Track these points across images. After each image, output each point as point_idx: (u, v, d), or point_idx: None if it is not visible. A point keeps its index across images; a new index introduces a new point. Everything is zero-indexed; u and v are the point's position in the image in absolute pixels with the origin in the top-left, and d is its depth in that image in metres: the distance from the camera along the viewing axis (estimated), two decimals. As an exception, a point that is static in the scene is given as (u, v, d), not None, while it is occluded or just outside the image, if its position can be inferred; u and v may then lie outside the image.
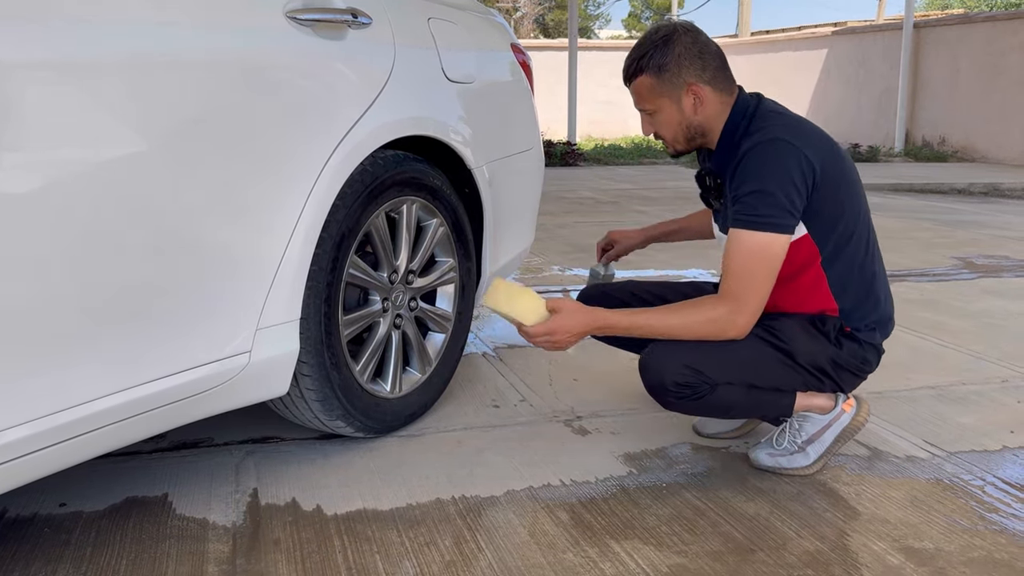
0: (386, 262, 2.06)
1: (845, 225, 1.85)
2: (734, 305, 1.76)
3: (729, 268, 1.78)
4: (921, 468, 1.98)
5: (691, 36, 1.85)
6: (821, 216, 1.82)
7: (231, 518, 1.73)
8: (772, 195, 1.74)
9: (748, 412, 1.92)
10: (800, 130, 1.82)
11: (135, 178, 1.42)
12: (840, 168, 1.84)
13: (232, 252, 1.60)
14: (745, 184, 1.78)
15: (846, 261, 1.87)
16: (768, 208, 1.74)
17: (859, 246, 1.88)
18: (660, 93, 1.85)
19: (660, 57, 1.83)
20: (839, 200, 1.83)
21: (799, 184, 1.76)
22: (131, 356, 1.45)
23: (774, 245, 1.75)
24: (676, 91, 1.85)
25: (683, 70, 1.83)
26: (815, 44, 14.11)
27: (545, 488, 1.88)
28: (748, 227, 1.75)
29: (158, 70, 1.45)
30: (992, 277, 4.08)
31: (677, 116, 1.87)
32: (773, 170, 1.75)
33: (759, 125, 1.83)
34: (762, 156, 1.77)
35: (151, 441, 2.09)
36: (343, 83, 1.86)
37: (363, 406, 2.00)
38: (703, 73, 1.84)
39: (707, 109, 1.86)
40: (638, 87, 1.88)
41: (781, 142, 1.78)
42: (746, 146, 1.80)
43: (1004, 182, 8.21)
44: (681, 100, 1.85)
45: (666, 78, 1.84)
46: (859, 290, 1.89)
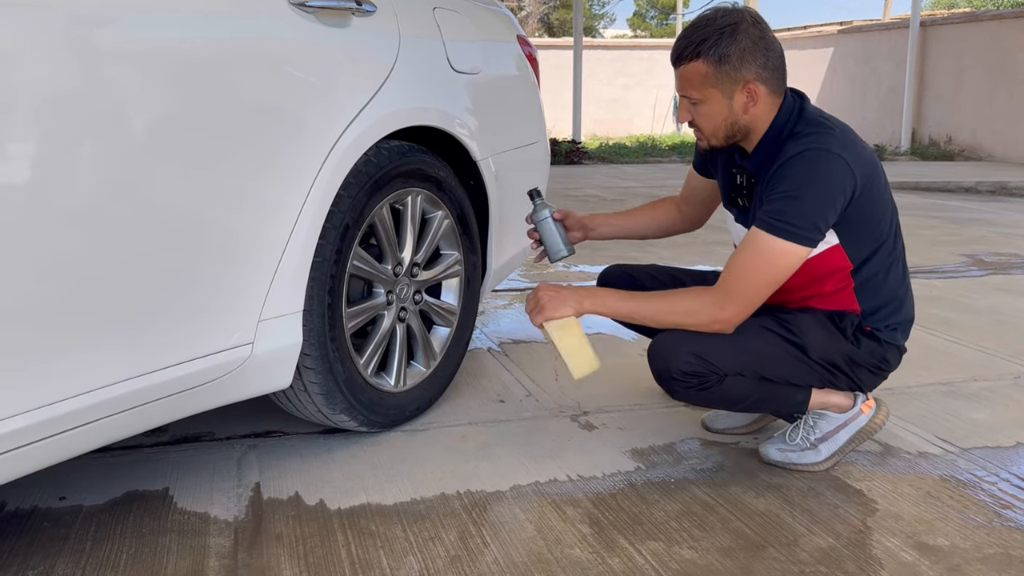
0: (391, 254, 2.03)
1: (875, 236, 1.80)
2: (722, 298, 1.72)
3: (734, 263, 1.74)
4: (934, 464, 1.95)
5: (759, 29, 1.72)
6: (854, 229, 1.76)
7: (233, 512, 1.70)
8: (808, 206, 1.67)
9: (759, 406, 1.88)
10: (848, 142, 1.74)
11: (135, 166, 1.40)
12: (879, 182, 1.78)
13: (233, 242, 1.58)
14: (782, 187, 1.70)
15: (873, 268, 1.82)
16: (796, 217, 1.67)
17: (887, 253, 1.83)
18: (713, 84, 1.73)
19: (724, 46, 1.69)
20: (874, 213, 1.78)
21: (837, 200, 1.69)
22: (130, 346, 1.43)
23: (789, 256, 1.69)
24: (731, 85, 1.73)
25: (744, 65, 1.71)
26: (821, 43, 14.06)
27: (551, 483, 1.85)
28: (769, 230, 1.69)
29: (158, 57, 1.42)
30: (1001, 274, 4.04)
31: (724, 111, 1.76)
32: (816, 181, 1.68)
33: (808, 130, 1.74)
34: (809, 165, 1.69)
35: (152, 435, 2.06)
36: (346, 71, 1.83)
37: (367, 400, 1.97)
38: (763, 71, 1.73)
39: (758, 110, 1.75)
40: (690, 72, 1.74)
41: (832, 156, 1.69)
42: (793, 150, 1.72)
43: (1012, 180, 8.16)
44: (734, 96, 1.74)
45: (725, 70, 1.71)
46: (884, 295, 1.84)
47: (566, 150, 10.46)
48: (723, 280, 1.74)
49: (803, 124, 1.76)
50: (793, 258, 1.70)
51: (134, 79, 1.38)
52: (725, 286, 1.73)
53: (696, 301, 1.75)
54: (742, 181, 1.88)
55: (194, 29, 1.49)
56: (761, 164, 1.80)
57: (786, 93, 1.80)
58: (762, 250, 1.70)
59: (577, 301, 1.81)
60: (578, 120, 11.61)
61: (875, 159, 1.79)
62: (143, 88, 1.40)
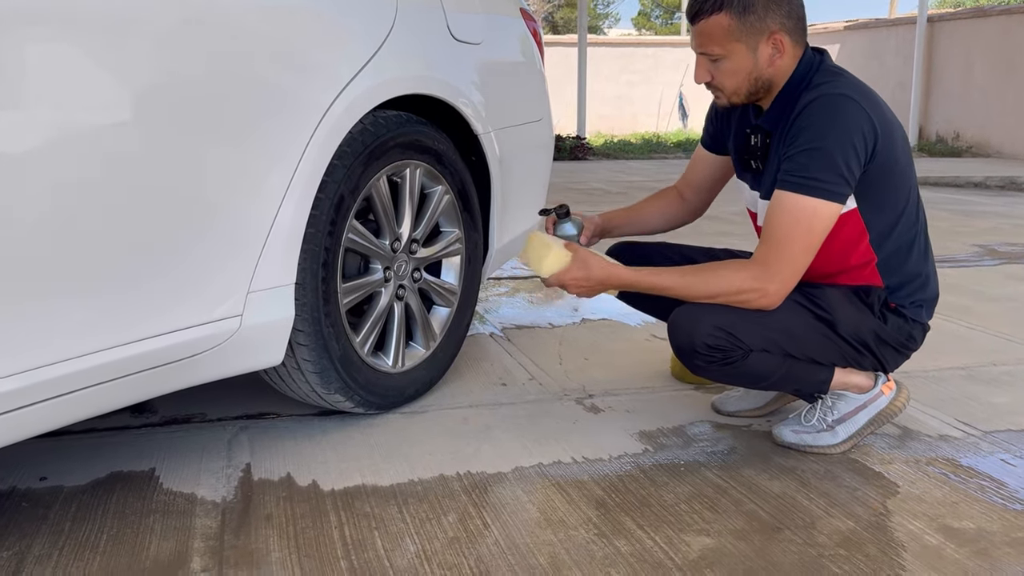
0: (388, 229, 1.95)
1: (895, 206, 1.71)
2: (763, 272, 1.63)
3: (767, 232, 1.65)
4: (955, 447, 1.86)
5: None
6: (873, 192, 1.67)
7: (221, 493, 1.62)
8: (829, 155, 1.58)
9: (781, 384, 1.78)
10: (867, 91, 1.66)
11: (114, 132, 1.32)
12: (899, 141, 1.69)
13: (216, 209, 1.49)
14: (800, 139, 1.61)
15: (896, 242, 1.73)
16: (821, 171, 1.58)
17: (910, 228, 1.75)
18: (737, 37, 1.64)
19: None
20: (894, 176, 1.69)
21: (859, 149, 1.60)
22: (108, 314, 1.35)
23: (821, 213, 1.60)
24: (756, 37, 1.64)
25: (770, 15, 1.62)
26: (828, 39, 13.95)
27: (555, 465, 1.77)
28: (796, 190, 1.60)
29: (135, 23, 1.34)
30: (1016, 264, 3.95)
31: (748, 65, 1.66)
32: (835, 127, 1.59)
33: (823, 79, 1.66)
34: (826, 110, 1.61)
35: (141, 416, 1.99)
36: (339, 35, 1.76)
37: (363, 380, 1.89)
38: (787, 20, 1.64)
39: (783, 61, 1.67)
40: (712, 27, 1.64)
41: (848, 99, 1.62)
42: (808, 98, 1.63)
43: (1021, 175, 8.06)
44: (759, 48, 1.65)
45: (750, 21, 1.62)
46: (909, 271, 1.76)
47: (571, 146, 10.37)
48: (761, 253, 1.65)
49: (820, 75, 1.68)
50: (826, 217, 1.60)
51: (111, 45, 1.31)
52: (765, 259, 1.64)
53: (737, 276, 1.65)
54: (756, 141, 1.78)
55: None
56: (777, 119, 1.71)
57: (807, 47, 1.72)
58: (792, 212, 1.61)
59: (600, 281, 1.72)
60: (583, 116, 11.52)
61: (893, 116, 1.71)
62: (122, 55, 1.32)
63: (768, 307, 1.65)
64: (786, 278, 1.63)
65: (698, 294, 1.68)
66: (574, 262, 1.73)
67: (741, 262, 1.69)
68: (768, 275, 1.63)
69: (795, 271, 1.63)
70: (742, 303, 1.65)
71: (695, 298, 1.68)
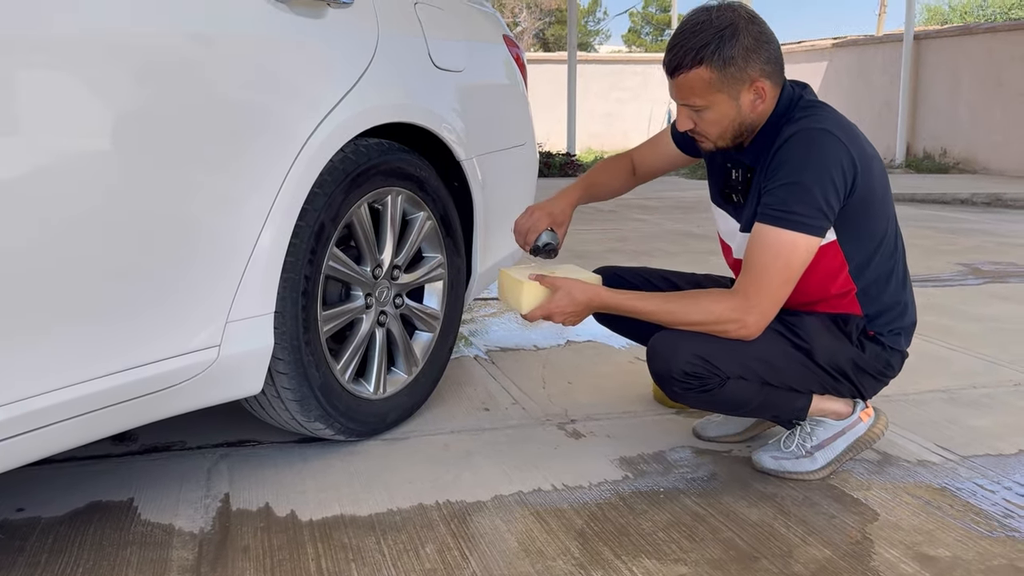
0: (369, 256, 1.96)
1: (873, 238, 1.72)
2: (743, 303, 1.64)
3: (747, 265, 1.66)
4: (934, 473, 1.87)
5: (757, 25, 1.64)
6: (852, 224, 1.68)
7: (199, 524, 1.62)
8: (808, 190, 1.59)
9: (759, 411, 1.79)
10: (845, 125, 1.67)
11: (92, 160, 1.33)
12: (878, 174, 1.70)
13: (195, 239, 1.50)
14: (780, 173, 1.62)
15: (875, 271, 1.75)
16: (800, 205, 1.60)
17: (889, 259, 1.76)
18: (719, 88, 1.64)
19: (727, 50, 1.60)
20: (873, 209, 1.70)
21: (838, 183, 1.61)
22: (87, 347, 1.35)
23: (800, 246, 1.61)
24: (738, 87, 1.64)
25: (750, 64, 1.62)
26: (815, 57, 14.07)
27: (535, 493, 1.77)
28: (775, 223, 1.61)
29: (118, 49, 1.35)
30: (999, 283, 3.98)
31: (732, 113, 1.67)
32: (814, 162, 1.60)
33: (801, 113, 1.68)
34: (804, 145, 1.62)
35: (121, 444, 1.98)
36: (321, 64, 1.77)
37: (344, 407, 1.89)
38: (767, 67, 1.65)
39: (766, 105, 1.68)
40: (692, 81, 1.64)
41: (827, 134, 1.62)
42: (788, 132, 1.65)
43: (1007, 192, 8.12)
44: (741, 96, 1.65)
45: (730, 73, 1.62)
46: (888, 300, 1.77)
47: (561, 162, 10.42)
48: (741, 285, 1.66)
49: (799, 109, 1.70)
50: (805, 250, 1.62)
51: (92, 71, 1.31)
52: (745, 291, 1.65)
53: (717, 306, 1.66)
54: (737, 176, 1.80)
55: (154, 17, 1.42)
56: (759, 153, 1.72)
57: (785, 83, 1.73)
58: (772, 245, 1.62)
59: (584, 306, 1.74)
60: (573, 133, 11.58)
61: (873, 149, 1.72)
62: (102, 81, 1.33)
63: (747, 338, 1.66)
64: (765, 310, 1.64)
65: (678, 321, 1.69)
66: (557, 291, 1.74)
67: (722, 292, 1.70)
68: (747, 306, 1.64)
69: (774, 303, 1.65)
70: (721, 333, 1.66)
71: (675, 325, 1.69)
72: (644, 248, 4.89)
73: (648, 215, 6.58)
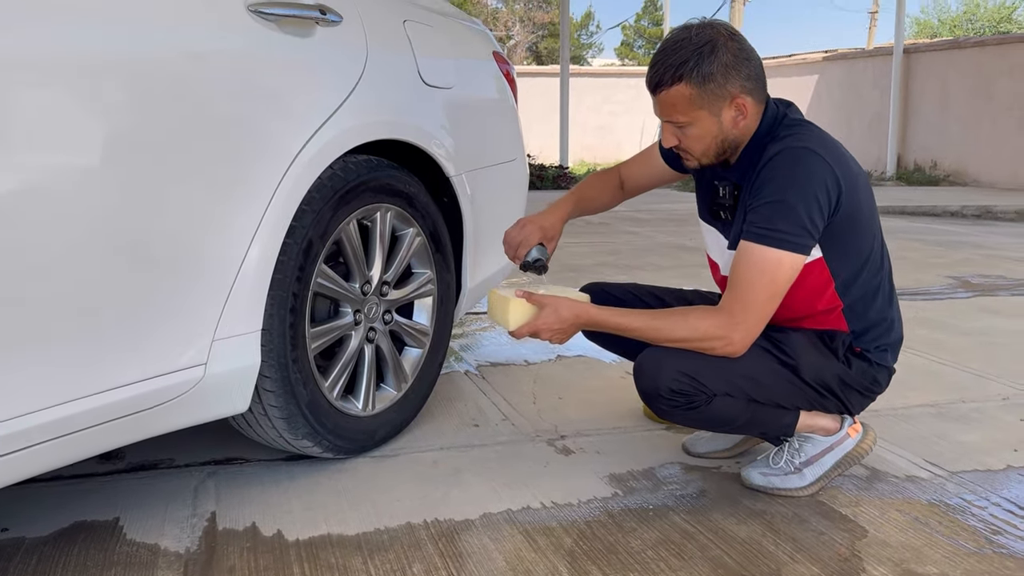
0: (358, 272, 1.96)
1: (859, 254, 1.73)
2: (728, 320, 1.65)
3: (732, 282, 1.67)
4: (922, 488, 1.87)
5: (736, 41, 1.65)
6: (838, 242, 1.69)
7: (185, 544, 1.61)
8: (793, 209, 1.60)
9: (746, 428, 1.79)
10: (830, 143, 1.68)
11: (79, 177, 1.32)
12: (863, 191, 1.71)
13: (182, 257, 1.49)
14: (765, 191, 1.63)
15: (862, 288, 1.75)
16: (785, 224, 1.60)
17: (875, 276, 1.77)
18: (700, 105, 1.65)
19: (706, 65, 1.61)
20: (858, 226, 1.71)
21: (823, 202, 1.62)
22: (73, 366, 1.34)
23: (785, 264, 1.62)
24: (719, 103, 1.65)
25: (729, 81, 1.64)
26: (806, 70, 14.16)
27: (524, 511, 1.76)
28: (760, 241, 1.62)
29: (106, 65, 1.35)
30: (988, 296, 3.99)
31: (715, 129, 1.68)
32: (799, 181, 1.61)
33: (786, 132, 1.69)
34: (789, 164, 1.63)
35: (108, 462, 1.97)
36: (309, 82, 1.77)
37: (332, 425, 1.89)
38: (747, 83, 1.66)
39: (748, 122, 1.69)
40: (673, 97, 1.65)
41: (811, 153, 1.64)
42: (773, 150, 1.66)
43: (997, 204, 8.17)
44: (722, 113, 1.66)
45: (710, 89, 1.63)
46: (873, 317, 1.78)
47: (554, 175, 10.45)
48: (726, 302, 1.67)
49: (783, 128, 1.71)
50: (789, 267, 1.62)
51: (80, 88, 1.31)
52: (730, 308, 1.65)
53: (703, 323, 1.66)
54: (724, 193, 1.81)
55: (143, 37, 1.42)
56: (745, 171, 1.73)
57: (768, 100, 1.74)
58: (757, 263, 1.62)
59: (571, 323, 1.74)
60: (565, 146, 11.61)
61: (859, 167, 1.73)
62: (89, 97, 1.33)
63: (733, 355, 1.66)
64: (750, 327, 1.65)
65: (664, 338, 1.69)
66: (544, 308, 1.74)
67: (708, 309, 1.70)
68: (733, 323, 1.64)
69: (759, 320, 1.65)
70: (707, 350, 1.66)
71: (661, 342, 1.70)
72: (636, 262, 4.90)
73: (640, 228, 6.59)
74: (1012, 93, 10.51)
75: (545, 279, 1.99)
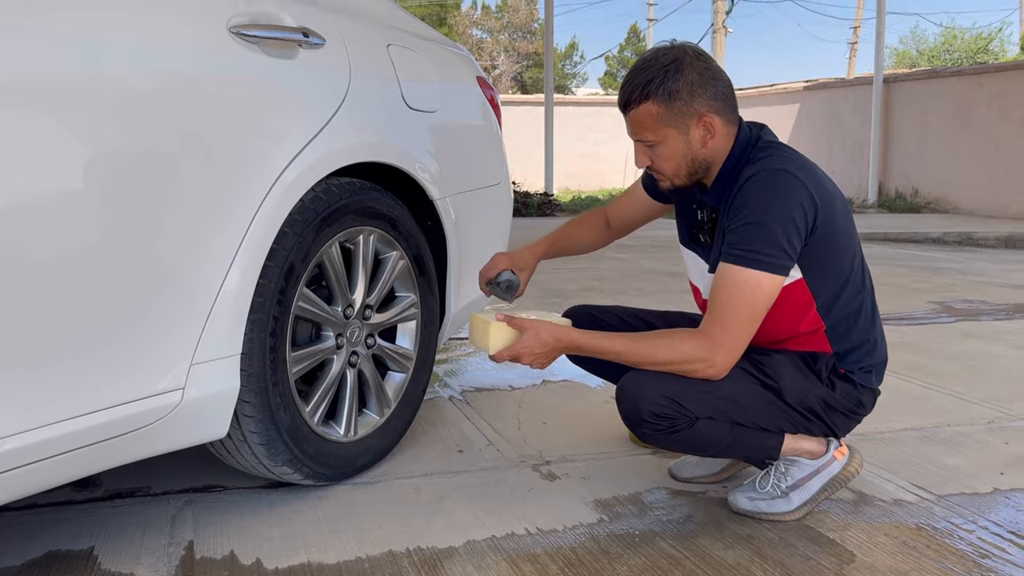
0: (340, 295, 1.94)
1: (839, 274, 1.73)
2: (709, 342, 1.64)
3: (712, 304, 1.66)
4: (910, 512, 1.86)
5: (702, 61, 1.68)
6: (817, 262, 1.69)
7: (161, 573, 1.57)
8: (770, 230, 1.61)
9: (730, 451, 1.78)
10: (806, 165, 1.70)
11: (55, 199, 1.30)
12: (840, 211, 1.72)
13: (158, 279, 1.47)
14: (742, 213, 1.64)
15: (843, 309, 1.75)
16: (762, 245, 1.61)
17: (856, 295, 1.76)
18: (666, 123, 1.68)
19: (671, 83, 1.64)
20: (837, 246, 1.71)
21: (799, 223, 1.62)
22: (46, 389, 1.31)
23: (763, 285, 1.62)
24: (686, 121, 1.68)
25: (695, 99, 1.66)
26: (787, 99, 14.34)
27: (508, 537, 1.73)
28: (738, 262, 1.62)
29: (85, 87, 1.34)
30: (971, 320, 4.01)
31: (683, 149, 1.70)
32: (774, 203, 1.62)
33: (763, 154, 1.70)
34: (765, 186, 1.64)
35: (84, 490, 1.92)
36: (292, 104, 1.76)
37: (313, 451, 1.86)
38: (714, 102, 1.68)
39: (716, 141, 1.70)
40: (641, 115, 1.69)
41: (787, 174, 1.64)
42: (749, 172, 1.67)
43: (977, 231, 8.26)
44: (690, 131, 1.69)
45: (676, 107, 1.66)
46: (856, 337, 1.77)
47: (539, 202, 10.48)
48: (706, 324, 1.66)
49: (758, 150, 1.72)
50: (768, 288, 1.62)
51: (52, 110, 1.30)
52: (711, 330, 1.64)
53: (684, 345, 1.65)
54: (703, 217, 1.82)
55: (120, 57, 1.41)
56: (721, 194, 1.74)
57: (741, 123, 1.75)
58: (736, 284, 1.62)
59: (551, 347, 1.73)
60: (550, 173, 11.67)
61: (835, 187, 1.74)
62: (68, 119, 1.31)
63: (715, 377, 1.65)
64: (732, 348, 1.64)
65: (646, 361, 1.68)
66: (524, 332, 1.72)
67: (689, 331, 1.69)
68: (714, 345, 1.63)
69: (740, 341, 1.64)
70: (689, 372, 1.65)
71: (643, 365, 1.68)
72: (621, 287, 4.90)
73: (626, 254, 6.61)
74: (990, 121, 10.67)
75: (512, 305, 1.98)
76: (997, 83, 10.63)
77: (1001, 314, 4.18)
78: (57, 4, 1.33)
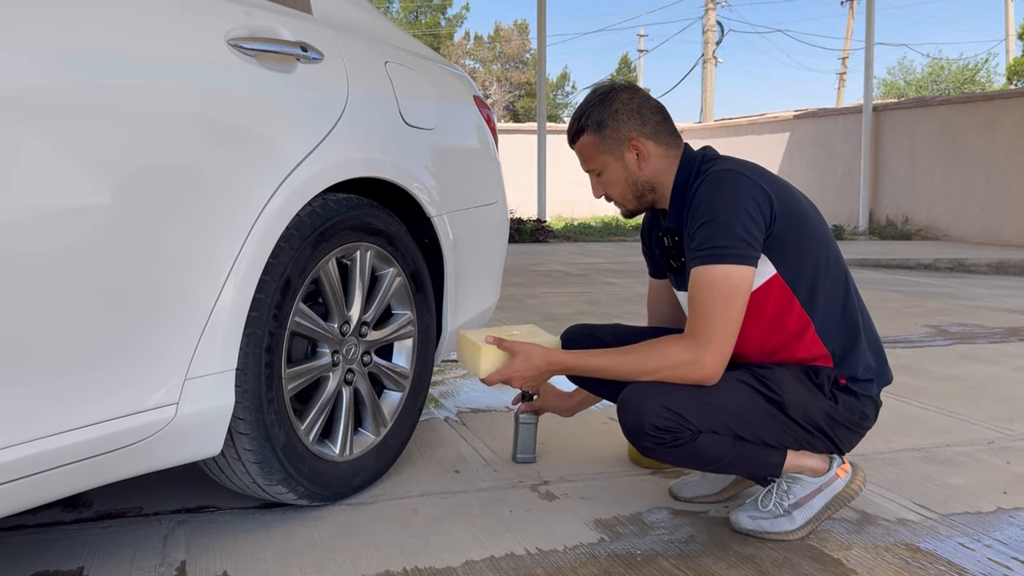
0: (337, 312, 1.92)
1: (815, 262, 1.75)
2: (695, 342, 1.64)
3: (692, 308, 1.69)
4: (914, 531, 1.83)
5: (629, 92, 1.83)
6: (787, 252, 1.72)
7: (151, 594, 1.53)
8: (726, 224, 1.66)
9: (732, 467, 1.75)
10: (752, 166, 1.78)
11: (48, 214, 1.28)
12: (797, 203, 1.77)
13: (152, 293, 1.44)
14: (695, 218, 1.70)
15: (826, 301, 1.76)
16: (721, 238, 1.65)
17: (837, 286, 1.78)
18: (603, 151, 1.82)
19: (599, 114, 1.80)
20: (803, 235, 1.74)
21: (754, 213, 1.67)
22: (35, 404, 1.28)
23: (734, 276, 1.64)
24: (618, 147, 1.81)
25: (622, 125, 1.80)
26: (778, 128, 14.47)
27: (508, 558, 1.70)
28: (704, 261, 1.66)
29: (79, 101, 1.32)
30: (966, 343, 4.01)
31: (623, 173, 1.83)
32: (725, 199, 1.68)
33: (709, 165, 1.78)
34: (712, 187, 1.71)
35: (74, 510, 1.88)
36: (288, 118, 1.75)
37: (308, 470, 1.82)
38: (643, 128, 1.81)
39: (652, 164, 1.81)
40: (581, 147, 1.85)
41: (732, 172, 1.73)
42: (696, 183, 1.75)
43: (968, 257, 8.30)
44: (624, 156, 1.81)
45: (607, 134, 1.80)
46: (846, 332, 1.78)
47: (532, 229, 10.50)
48: (690, 326, 1.68)
49: (704, 164, 1.80)
50: (739, 279, 1.65)
51: (46, 127, 1.28)
52: (695, 331, 1.66)
53: (672, 348, 1.67)
54: (670, 243, 1.87)
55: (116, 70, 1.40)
56: (679, 214, 1.81)
57: (687, 147, 1.84)
58: (708, 282, 1.65)
59: (540, 370, 1.78)
60: (543, 200, 11.70)
61: (786, 183, 1.80)
62: (62, 135, 1.29)
63: (708, 379, 1.65)
64: (718, 345, 1.64)
65: (637, 371, 1.68)
66: (515, 355, 1.77)
67: (674, 336, 1.71)
68: (700, 344, 1.64)
69: (725, 337, 1.65)
70: (682, 377, 1.65)
71: (636, 376, 1.68)
72: (615, 311, 4.88)
73: (618, 278, 6.60)
74: (978, 149, 10.77)
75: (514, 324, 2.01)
76: (986, 111, 10.75)
77: (996, 337, 4.18)
78: (52, 16, 1.32)
